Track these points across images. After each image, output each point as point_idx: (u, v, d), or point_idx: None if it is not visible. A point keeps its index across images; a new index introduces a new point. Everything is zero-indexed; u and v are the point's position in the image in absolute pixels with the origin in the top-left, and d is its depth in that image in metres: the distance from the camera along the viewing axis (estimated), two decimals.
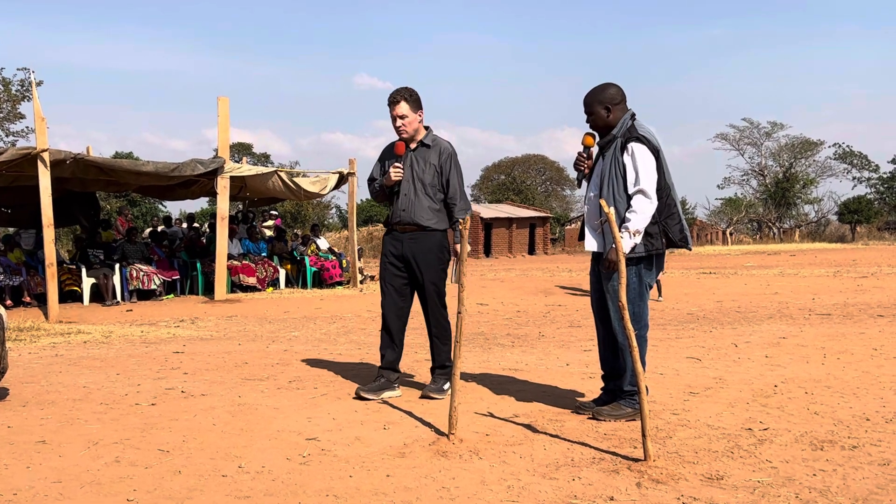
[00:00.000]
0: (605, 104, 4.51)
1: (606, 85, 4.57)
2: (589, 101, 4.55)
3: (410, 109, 5.11)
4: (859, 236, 48.54)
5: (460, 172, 5.25)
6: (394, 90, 5.14)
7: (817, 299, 12.65)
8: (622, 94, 4.56)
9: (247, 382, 5.75)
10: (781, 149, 57.12)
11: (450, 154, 5.20)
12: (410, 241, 5.17)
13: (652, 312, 11.28)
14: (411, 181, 5.16)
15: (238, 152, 46.69)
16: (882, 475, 3.56)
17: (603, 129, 4.57)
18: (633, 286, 4.47)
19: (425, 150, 5.20)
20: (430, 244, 5.16)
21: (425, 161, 5.17)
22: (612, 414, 4.56)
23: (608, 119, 4.53)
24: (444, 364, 5.22)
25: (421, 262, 5.15)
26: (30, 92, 32.74)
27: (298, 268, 16.92)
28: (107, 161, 14.13)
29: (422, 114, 5.19)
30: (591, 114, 4.56)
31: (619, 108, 4.53)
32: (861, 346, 7.23)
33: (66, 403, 5.05)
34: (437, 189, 5.17)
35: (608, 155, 4.49)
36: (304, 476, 3.59)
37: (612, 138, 4.51)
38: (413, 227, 5.17)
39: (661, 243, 4.48)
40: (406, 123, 5.12)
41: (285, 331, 9.74)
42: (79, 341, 8.75)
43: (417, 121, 5.16)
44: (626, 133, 4.46)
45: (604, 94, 4.53)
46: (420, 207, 5.14)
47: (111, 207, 31.48)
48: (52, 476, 3.58)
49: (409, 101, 5.11)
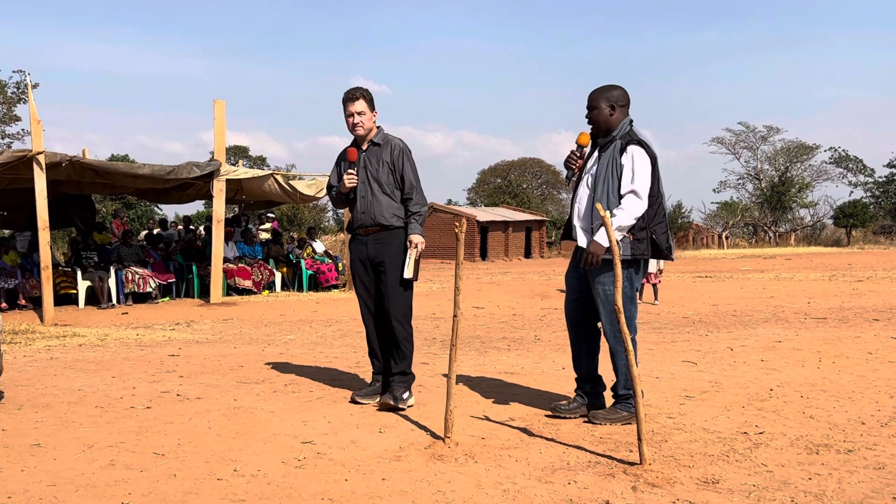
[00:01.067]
0: (612, 102, 4.52)
1: (614, 86, 4.58)
2: (595, 97, 4.55)
3: (367, 107, 5.04)
4: (855, 240, 48.62)
5: (414, 167, 5.13)
6: (351, 87, 5.07)
7: (813, 303, 12.67)
8: (627, 98, 4.58)
9: (242, 386, 5.75)
10: (777, 153, 57.21)
11: (402, 150, 5.09)
12: (375, 242, 5.06)
13: (648, 316, 11.32)
14: (367, 182, 5.06)
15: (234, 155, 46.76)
16: (877, 479, 3.57)
17: (602, 128, 4.56)
18: (625, 290, 4.46)
19: (377, 149, 5.10)
20: (395, 244, 5.03)
21: (378, 160, 5.06)
22: (608, 418, 4.56)
23: (610, 118, 4.53)
24: (404, 371, 5.06)
25: (387, 262, 5.02)
26: (26, 94, 32.74)
27: (294, 271, 16.91)
28: (103, 164, 14.12)
29: (376, 115, 5.12)
30: (595, 108, 4.54)
31: (622, 111, 4.55)
32: (856, 349, 7.24)
33: (62, 406, 5.04)
34: (394, 186, 5.06)
35: (606, 155, 4.49)
36: (300, 479, 3.59)
37: (612, 139, 4.52)
38: (376, 228, 5.05)
39: (647, 249, 4.50)
40: (363, 121, 5.02)
41: (281, 334, 9.73)
42: (74, 344, 8.73)
43: (372, 120, 5.09)
44: (626, 136, 4.49)
45: (611, 93, 4.54)
46: (379, 207, 5.02)
47: (107, 210, 31.43)
48: (46, 479, 3.57)
49: (366, 98, 5.04)
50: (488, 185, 60.73)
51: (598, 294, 4.52)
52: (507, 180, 59.88)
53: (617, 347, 4.52)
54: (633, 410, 4.49)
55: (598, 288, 4.50)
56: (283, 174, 17.42)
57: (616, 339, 4.50)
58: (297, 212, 44.94)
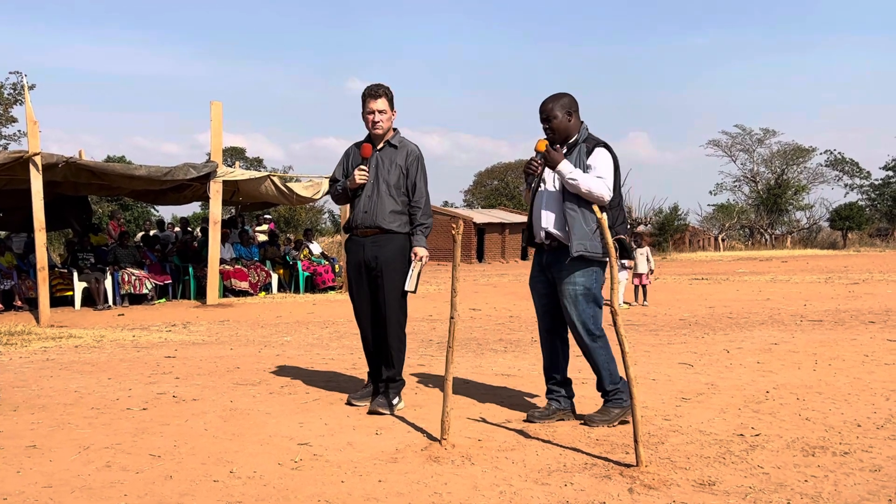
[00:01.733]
0: (567, 109, 4.59)
1: (564, 93, 4.66)
2: (551, 107, 4.59)
3: (388, 106, 4.95)
4: (851, 243, 48.72)
5: (426, 178, 5.04)
6: (373, 84, 4.96)
7: (809, 305, 12.69)
8: (577, 103, 4.65)
9: (239, 387, 5.74)
10: (773, 155, 57.37)
11: (417, 157, 4.99)
12: (373, 245, 4.97)
13: (644, 318, 11.33)
14: (375, 182, 4.94)
15: (231, 156, 46.66)
16: (873, 481, 3.57)
17: (562, 135, 4.61)
18: (593, 289, 4.52)
19: (392, 150, 4.99)
20: (393, 248, 4.93)
21: (391, 162, 4.96)
22: (603, 419, 4.57)
23: (570, 125, 4.60)
24: (394, 378, 5.03)
25: (383, 266, 4.92)
26: (22, 95, 32.71)
27: (291, 272, 16.89)
28: (99, 165, 14.09)
29: (395, 115, 5.01)
30: (553, 118, 4.58)
31: (576, 115, 4.63)
32: (852, 352, 7.25)
33: (58, 408, 5.03)
34: (402, 191, 4.96)
35: (570, 158, 4.54)
36: (296, 481, 3.59)
37: (576, 143, 4.59)
38: (375, 230, 4.94)
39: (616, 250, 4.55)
40: (384, 119, 4.92)
41: (277, 335, 9.72)
42: (70, 345, 8.71)
43: (391, 120, 4.99)
44: (589, 139, 4.59)
45: (563, 101, 4.60)
46: (382, 209, 4.92)
47: (103, 211, 31.39)
48: (42, 481, 3.56)
49: (388, 97, 4.94)
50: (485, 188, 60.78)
51: (567, 294, 4.52)
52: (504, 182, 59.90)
53: (593, 344, 4.53)
54: (625, 405, 4.51)
55: (569, 288, 4.51)
56: (280, 175, 17.41)
57: (591, 337, 4.53)
58: (294, 213, 44.90)
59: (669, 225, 45.05)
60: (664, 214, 45.59)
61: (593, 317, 4.55)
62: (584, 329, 4.53)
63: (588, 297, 4.52)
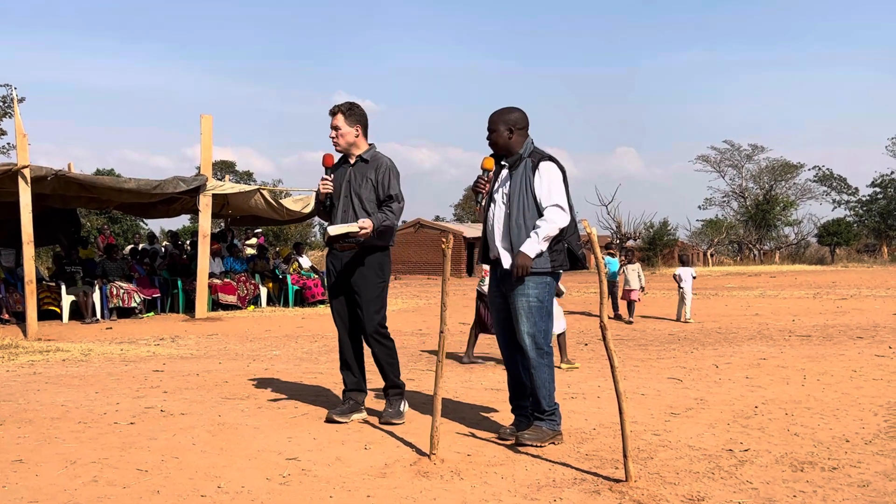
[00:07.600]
0: (510, 126, 4.57)
1: (513, 108, 4.65)
2: (495, 120, 4.60)
3: (346, 122, 5.06)
4: (839, 258, 48.94)
5: (399, 182, 5.12)
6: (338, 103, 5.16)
7: (797, 321, 12.74)
8: (527, 120, 4.64)
9: (227, 401, 5.71)
10: (762, 171, 57.68)
11: (388, 167, 5.09)
12: (351, 259, 5.06)
13: (633, 333, 11.35)
14: (349, 197, 5.07)
15: (220, 170, 46.59)
16: (862, 496, 3.58)
17: (502, 150, 4.61)
18: (544, 302, 4.47)
19: (363, 165, 5.11)
20: (369, 263, 5.04)
21: (363, 176, 5.07)
22: (534, 437, 4.45)
23: (509, 141, 4.57)
24: (395, 384, 5.11)
25: (358, 280, 5.03)
26: (11, 108, 32.63)
27: (280, 286, 16.86)
28: (88, 178, 14.08)
29: (359, 129, 5.11)
30: (493, 131, 4.59)
31: (521, 133, 4.60)
32: (841, 367, 7.28)
33: (44, 422, 5.00)
34: (375, 205, 5.05)
35: (517, 174, 4.53)
36: (285, 496, 3.57)
37: (520, 158, 4.56)
38: (352, 245, 5.05)
39: (565, 261, 4.54)
40: (338, 135, 5.07)
41: (266, 349, 9.69)
42: (57, 359, 8.66)
43: (353, 135, 5.08)
44: (535, 154, 4.56)
45: (509, 116, 4.59)
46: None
47: (92, 224, 31.28)
48: (28, 496, 3.54)
49: (345, 114, 5.08)
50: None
51: (520, 306, 4.46)
52: None
53: (539, 360, 4.45)
54: (557, 428, 4.48)
55: (521, 300, 4.45)
56: (270, 189, 17.40)
57: (539, 352, 4.45)
58: (284, 227, 44.82)
59: (659, 240, 45.20)
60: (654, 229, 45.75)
61: (545, 331, 4.47)
62: (533, 343, 4.44)
63: (541, 310, 4.45)
